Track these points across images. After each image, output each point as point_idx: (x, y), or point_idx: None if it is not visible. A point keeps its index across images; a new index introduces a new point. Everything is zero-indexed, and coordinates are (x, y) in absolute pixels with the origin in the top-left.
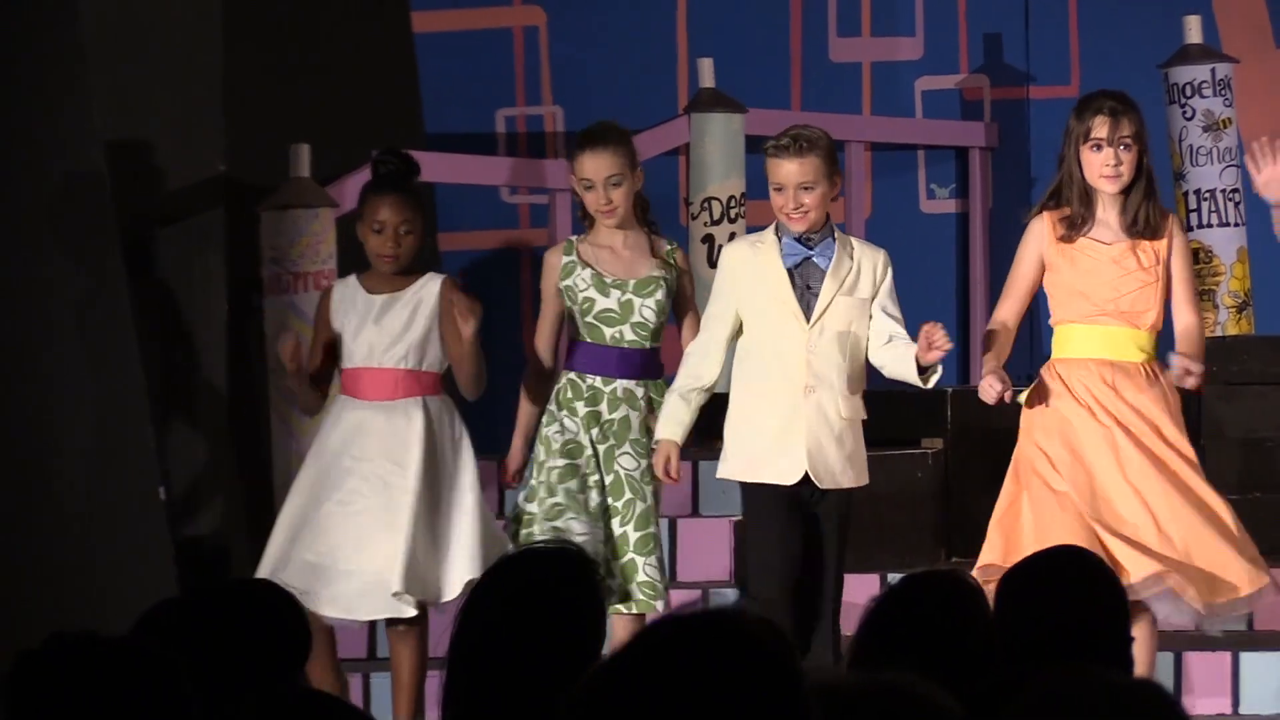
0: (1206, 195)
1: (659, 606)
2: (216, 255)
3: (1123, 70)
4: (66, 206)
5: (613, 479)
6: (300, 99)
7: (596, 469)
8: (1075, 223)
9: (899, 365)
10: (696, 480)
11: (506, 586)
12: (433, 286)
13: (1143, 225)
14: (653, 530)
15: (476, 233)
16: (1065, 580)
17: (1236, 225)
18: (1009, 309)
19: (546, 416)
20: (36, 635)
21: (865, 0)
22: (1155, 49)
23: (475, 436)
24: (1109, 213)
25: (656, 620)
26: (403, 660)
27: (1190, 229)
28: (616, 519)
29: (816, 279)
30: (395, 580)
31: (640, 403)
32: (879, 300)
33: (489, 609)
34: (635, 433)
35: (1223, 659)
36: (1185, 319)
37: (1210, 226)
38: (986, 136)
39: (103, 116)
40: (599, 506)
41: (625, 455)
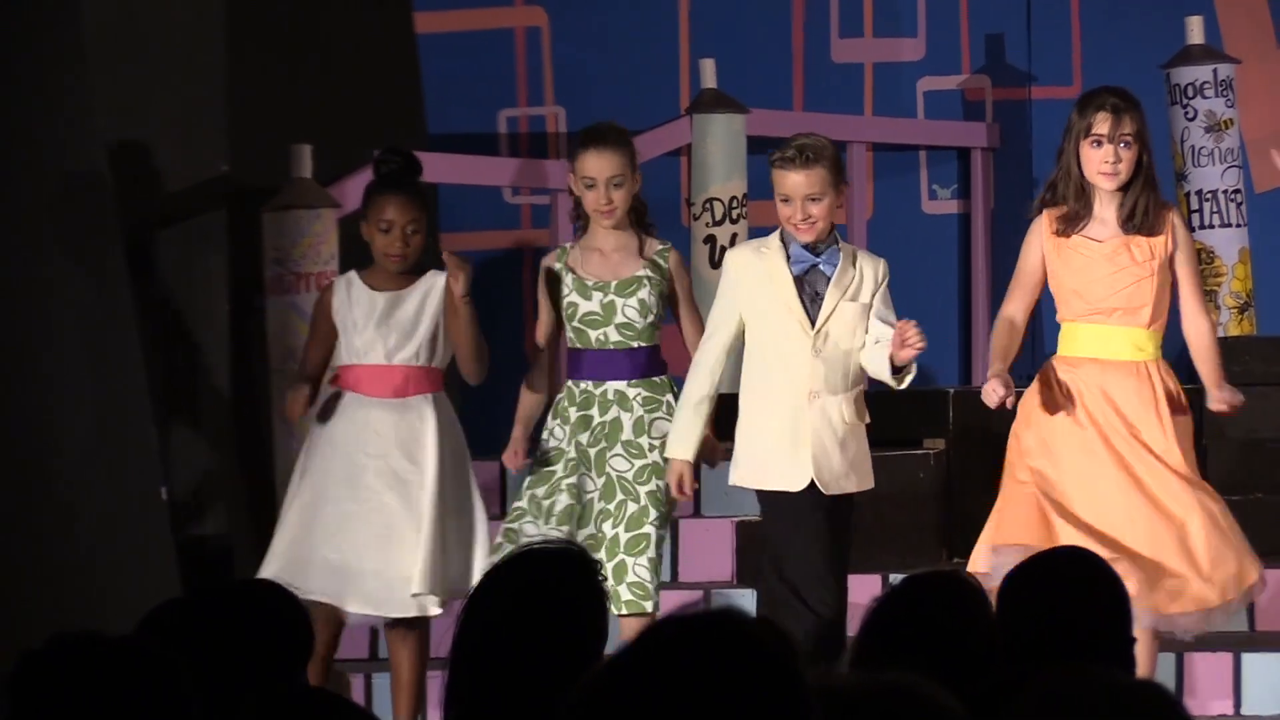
0: (1208, 196)
1: (648, 608)
2: (218, 255)
3: (1125, 71)
4: (68, 207)
5: (604, 481)
6: (302, 99)
7: (574, 472)
8: (1070, 219)
9: (875, 364)
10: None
11: (509, 586)
12: (438, 283)
13: (1139, 221)
14: (645, 531)
15: (479, 233)
16: (1067, 580)
17: (1238, 226)
18: (1016, 304)
19: (544, 428)
20: (38, 635)
21: (867, 1)
22: (1157, 49)
23: (476, 436)
24: (1107, 209)
25: (659, 621)
26: (402, 661)
27: (1192, 230)
28: (608, 521)
29: (822, 286)
30: (416, 580)
31: (632, 403)
32: (874, 306)
33: (491, 609)
34: (628, 434)
35: (1224, 660)
36: (1197, 326)
37: (1212, 227)
38: (988, 137)
39: (104, 117)
40: (567, 510)
41: (617, 457)
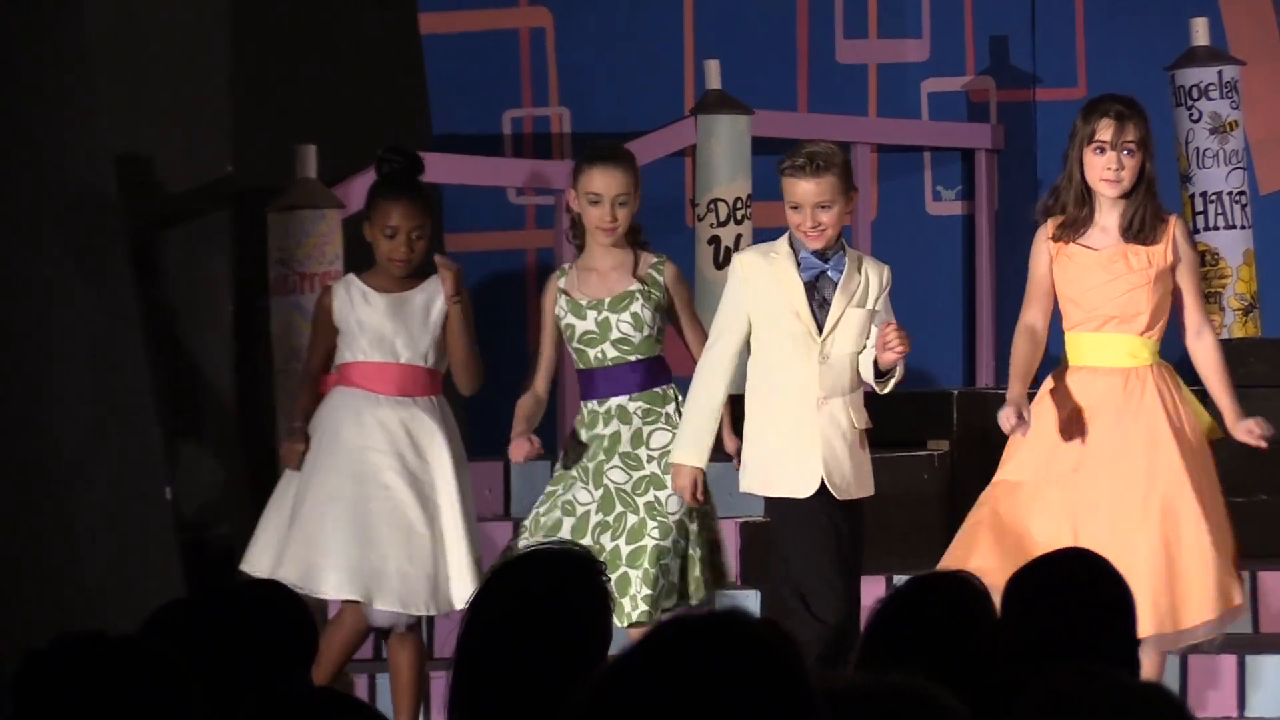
0: (1213, 197)
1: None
2: (223, 256)
3: (1129, 72)
4: (72, 208)
5: (602, 493)
6: (307, 100)
7: (570, 488)
8: (1070, 225)
9: (862, 368)
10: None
11: (512, 587)
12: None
13: (1137, 229)
14: (644, 543)
15: (483, 234)
16: (1071, 581)
17: (1243, 228)
18: (1034, 312)
19: (562, 451)
20: (42, 636)
21: (872, 2)
22: (1162, 51)
23: (478, 437)
24: (1108, 217)
25: (663, 622)
26: (402, 662)
27: (1196, 231)
28: (607, 534)
29: (829, 292)
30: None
31: (632, 416)
32: (878, 317)
33: (495, 610)
34: (625, 446)
35: (1229, 662)
36: (1204, 346)
37: (1217, 229)
38: (993, 138)
39: (108, 118)
40: (554, 523)
41: (615, 469)
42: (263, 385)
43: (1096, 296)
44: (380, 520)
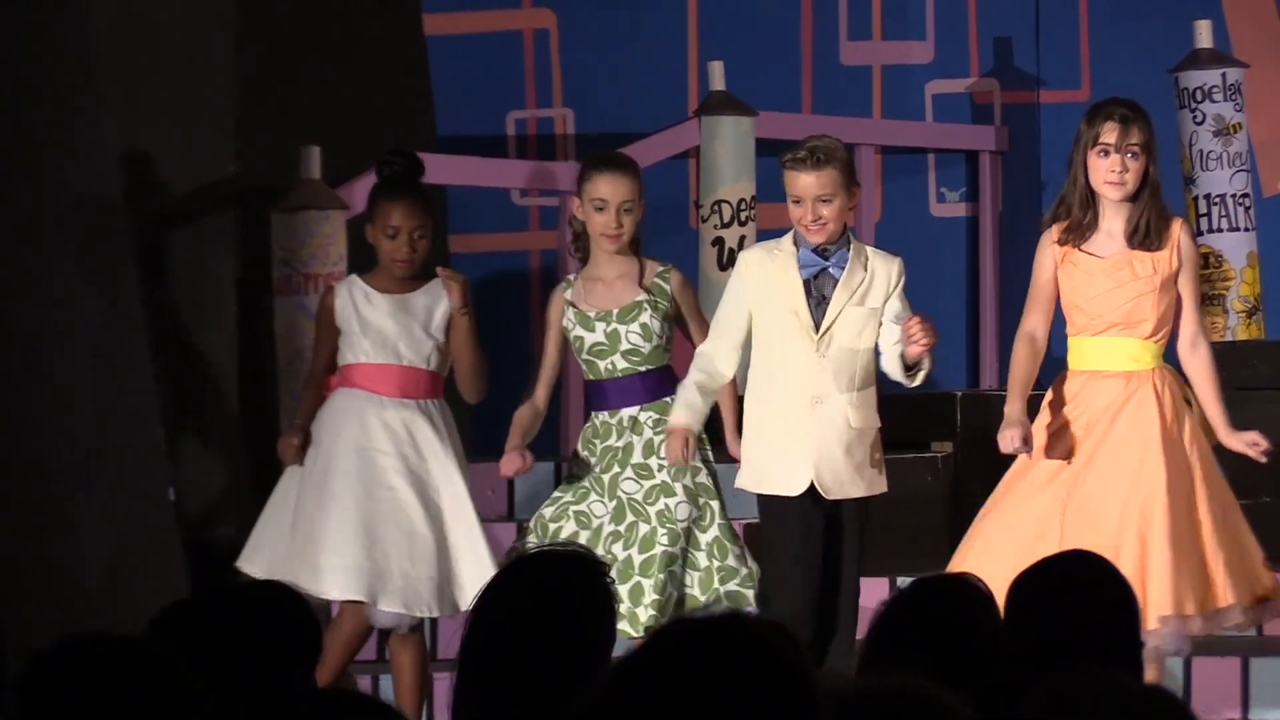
0: (1216, 200)
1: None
2: (227, 257)
3: (1133, 74)
4: (77, 209)
5: (615, 504)
6: (311, 101)
7: (583, 499)
8: (1075, 229)
9: (890, 365)
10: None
11: (517, 588)
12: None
13: (1143, 235)
14: (656, 552)
15: (487, 235)
16: (1075, 584)
17: (1247, 230)
18: (1035, 319)
19: (571, 460)
20: (47, 636)
21: (876, 4)
22: (1166, 53)
23: (481, 439)
24: (1113, 222)
25: (667, 624)
26: (404, 663)
27: (1200, 234)
28: (619, 543)
29: (830, 289)
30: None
31: (643, 426)
32: (889, 309)
33: (499, 611)
34: (637, 457)
35: (1232, 664)
36: (1197, 357)
37: (1220, 231)
38: (997, 140)
39: (114, 119)
40: (570, 538)
41: (627, 480)
42: (266, 386)
43: (1101, 303)
44: (384, 521)
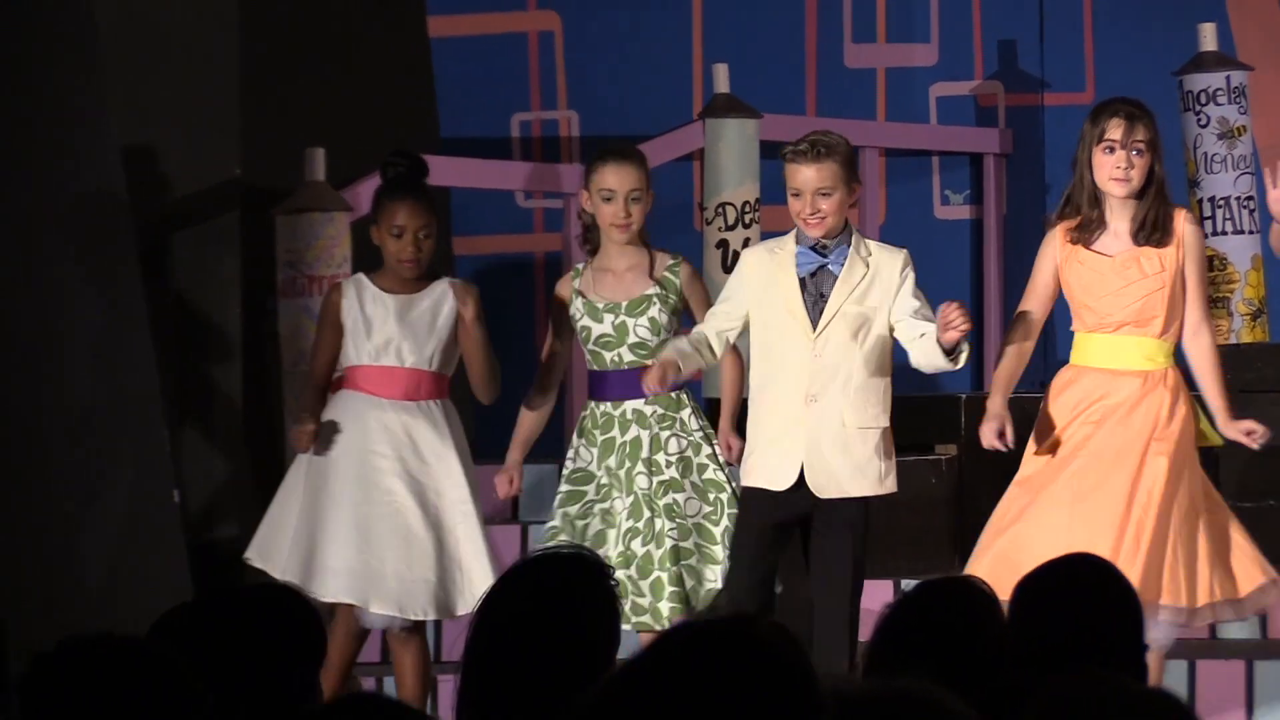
0: (1221, 203)
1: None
2: (232, 258)
3: (1137, 77)
4: (82, 210)
5: (632, 500)
6: (316, 103)
7: (606, 496)
8: (1085, 227)
9: (926, 356)
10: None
11: (521, 590)
12: (448, 290)
13: (1149, 232)
14: (667, 547)
15: (491, 237)
16: (1079, 586)
17: (1251, 233)
18: (1030, 313)
19: (570, 449)
20: (51, 638)
21: (880, 6)
22: (1170, 56)
23: (485, 441)
24: (1120, 221)
25: (672, 627)
26: (406, 665)
27: (1205, 237)
28: (637, 539)
29: (828, 287)
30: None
31: (649, 421)
32: (901, 303)
33: (504, 612)
34: (646, 452)
35: (1237, 668)
36: (1200, 344)
37: (1225, 234)
38: (1001, 143)
39: (119, 121)
40: (599, 535)
41: (640, 475)
42: (270, 388)
43: (1111, 302)
44: (380, 524)
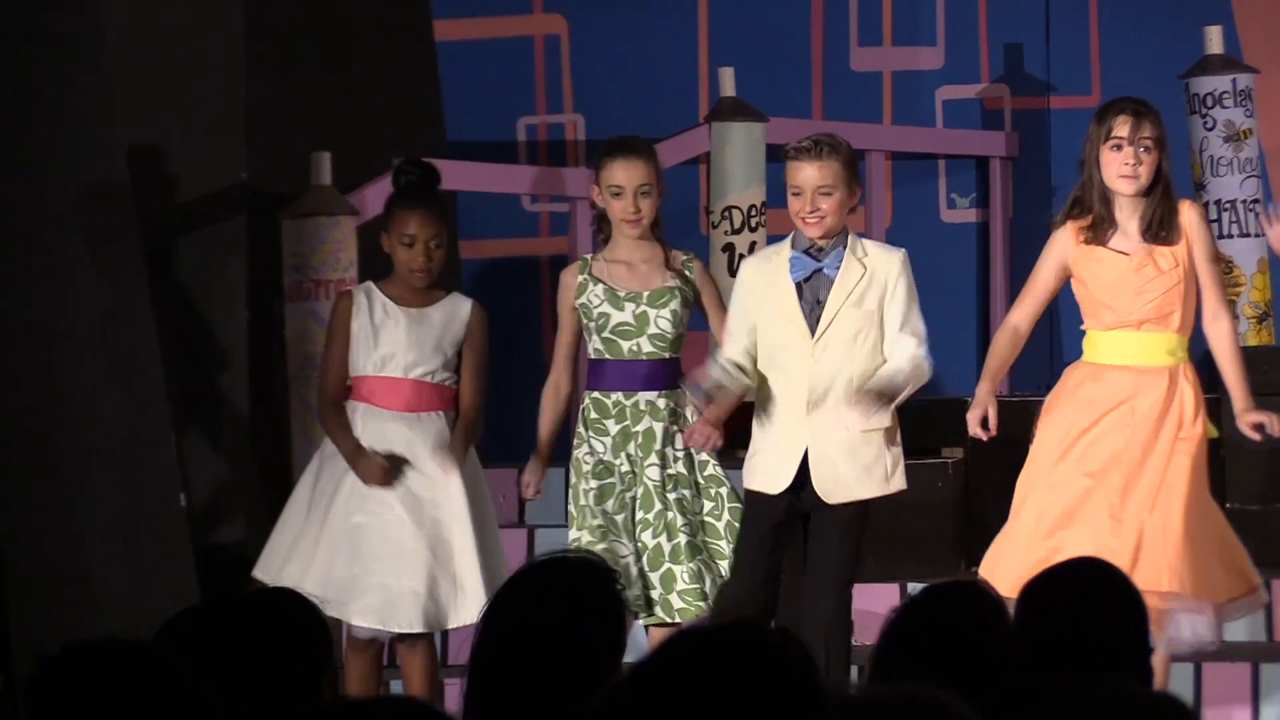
0: (1227, 205)
1: (702, 609)
2: (238, 262)
3: (1144, 80)
4: (88, 213)
5: (642, 491)
6: (322, 107)
7: (631, 486)
8: (1097, 226)
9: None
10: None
11: (528, 595)
12: (463, 308)
13: (1157, 230)
14: (680, 540)
15: (497, 241)
16: (1085, 590)
17: (1257, 236)
18: (1023, 313)
19: (576, 439)
20: (56, 641)
21: (886, 10)
22: (1176, 59)
23: (490, 444)
24: (1129, 220)
25: (678, 632)
26: (413, 672)
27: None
28: (648, 531)
29: (825, 292)
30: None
31: (663, 414)
32: (888, 310)
33: (510, 617)
34: (659, 444)
35: (1243, 670)
36: (1219, 328)
37: (1231, 237)
38: (1007, 146)
39: (125, 124)
40: (627, 521)
41: (652, 466)
42: (277, 391)
43: (1132, 300)
44: (370, 535)
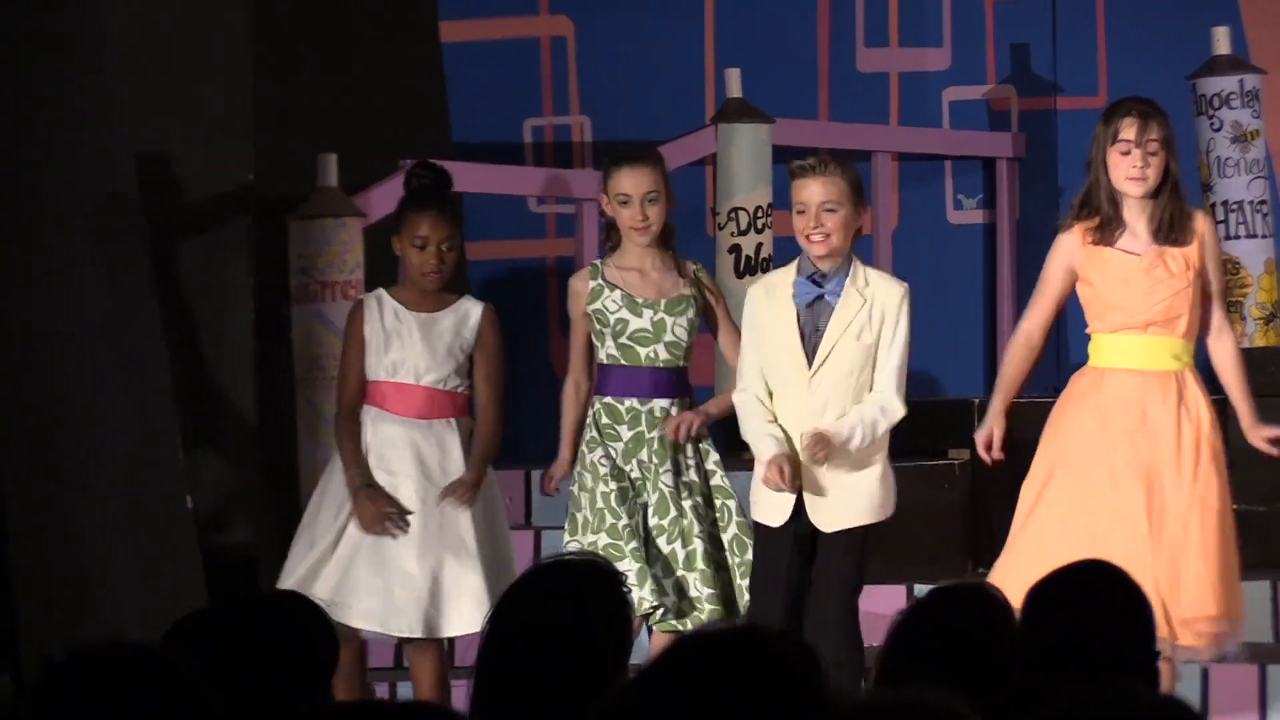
0: (1234, 206)
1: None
2: (244, 264)
3: (1150, 81)
4: (94, 215)
5: (657, 498)
6: (328, 108)
7: (641, 491)
8: (1105, 227)
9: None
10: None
11: (534, 597)
12: (474, 312)
13: (1168, 231)
14: (695, 546)
15: (503, 242)
16: (1091, 594)
17: (1264, 237)
18: (1036, 320)
19: (587, 444)
20: (63, 644)
21: (893, 11)
22: (1183, 60)
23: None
24: (1137, 220)
25: (684, 636)
26: (423, 674)
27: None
28: (663, 537)
29: (825, 318)
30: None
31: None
32: (883, 349)
33: (517, 619)
34: (673, 450)
35: (1250, 672)
36: (1224, 345)
37: (1238, 238)
38: (1014, 147)
39: (130, 126)
40: (640, 527)
41: (667, 473)
42: (283, 393)
43: (1141, 302)
44: (374, 541)
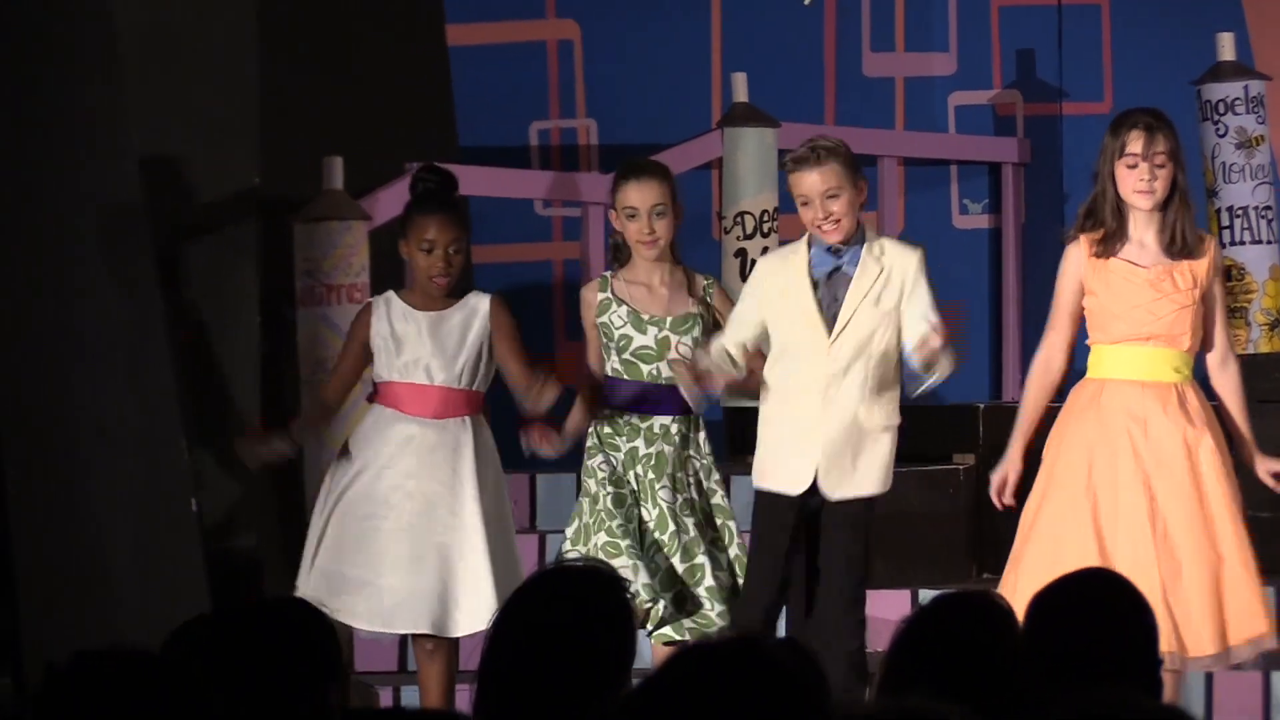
0: (1239, 212)
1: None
2: (250, 267)
3: (1156, 87)
4: (101, 219)
5: (657, 512)
6: (334, 111)
7: (639, 503)
8: (1110, 239)
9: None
10: None
11: (537, 603)
12: (482, 305)
13: (1180, 245)
14: (699, 561)
15: (509, 245)
16: (1094, 602)
17: (1269, 243)
18: (1057, 342)
19: (589, 451)
20: (66, 648)
21: (899, 15)
22: (1188, 66)
23: (501, 451)
24: (1145, 232)
25: (687, 646)
26: (430, 676)
27: (1223, 246)
28: (662, 553)
29: (844, 288)
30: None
31: (675, 438)
32: (908, 305)
33: (520, 625)
34: (670, 467)
35: (1254, 680)
36: (1228, 373)
37: (1243, 244)
38: (1019, 152)
39: (137, 129)
40: (636, 538)
41: (664, 489)
42: (288, 396)
43: (1145, 314)
44: (382, 539)
